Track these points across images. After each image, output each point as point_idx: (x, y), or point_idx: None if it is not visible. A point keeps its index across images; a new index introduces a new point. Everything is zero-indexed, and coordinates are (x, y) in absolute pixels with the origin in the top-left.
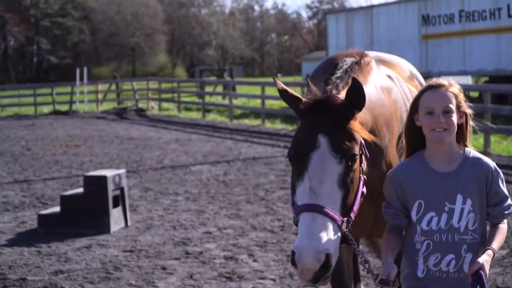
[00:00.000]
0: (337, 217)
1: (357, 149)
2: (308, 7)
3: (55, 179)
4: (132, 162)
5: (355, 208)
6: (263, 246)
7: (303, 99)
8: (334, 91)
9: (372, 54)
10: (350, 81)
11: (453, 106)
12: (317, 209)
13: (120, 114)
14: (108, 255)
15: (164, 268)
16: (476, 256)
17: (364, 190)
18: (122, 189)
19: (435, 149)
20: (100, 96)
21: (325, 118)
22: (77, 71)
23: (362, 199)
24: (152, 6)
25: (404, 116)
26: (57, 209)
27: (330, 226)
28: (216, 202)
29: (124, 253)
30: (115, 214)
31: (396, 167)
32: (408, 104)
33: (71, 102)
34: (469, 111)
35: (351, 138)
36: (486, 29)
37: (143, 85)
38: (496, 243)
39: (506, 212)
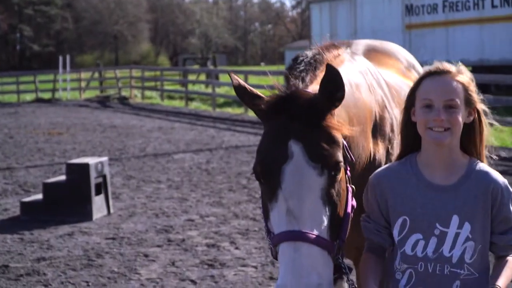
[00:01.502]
0: (327, 242)
1: (340, 154)
2: None
3: (38, 166)
4: (115, 150)
5: (347, 226)
6: (245, 234)
7: (264, 97)
8: (300, 85)
9: (363, 42)
10: (318, 73)
11: (459, 100)
12: (300, 236)
13: (103, 102)
14: (90, 243)
15: (146, 256)
16: None
17: (354, 203)
18: (104, 177)
19: (432, 154)
20: (83, 84)
21: (294, 119)
22: (60, 59)
23: (352, 214)
24: None
25: (384, 117)
26: (39, 196)
27: (319, 254)
28: (199, 190)
29: (107, 241)
30: (98, 202)
31: (380, 170)
32: (390, 103)
33: (54, 90)
34: (482, 107)
35: (331, 140)
36: (470, 19)
37: (126, 73)
38: (503, 280)
39: None
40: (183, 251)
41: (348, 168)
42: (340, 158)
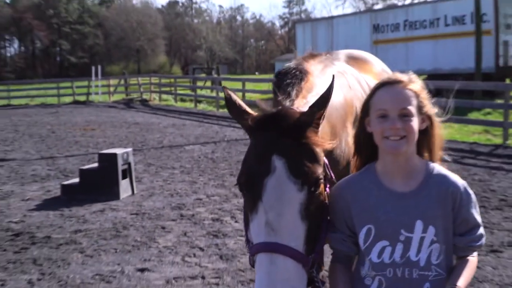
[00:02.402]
0: (302, 256)
1: (320, 171)
2: (281, 17)
3: (75, 156)
4: (138, 142)
5: (322, 241)
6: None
7: (252, 113)
8: (287, 102)
9: (343, 51)
10: (303, 84)
11: (413, 108)
12: (277, 248)
13: (128, 103)
14: (118, 217)
15: (163, 228)
16: None
17: None
18: (129, 164)
19: (389, 162)
20: (111, 89)
21: (279, 135)
22: (93, 68)
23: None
24: (153, 16)
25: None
26: (76, 180)
27: (294, 268)
28: (206, 175)
29: (131, 216)
30: (124, 184)
31: (342, 181)
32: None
33: (87, 94)
34: (434, 112)
35: (313, 158)
36: (426, 36)
37: (146, 80)
38: (463, 280)
39: (476, 244)
40: (193, 224)
41: (328, 185)
42: (320, 175)
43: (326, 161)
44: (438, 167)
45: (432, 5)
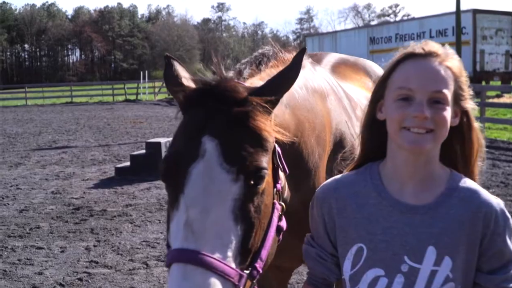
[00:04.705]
0: (230, 270)
1: (265, 159)
2: (294, 32)
3: (126, 144)
4: None
5: (265, 253)
6: None
7: (187, 87)
8: (231, 75)
9: (337, 55)
10: (263, 67)
11: (448, 94)
12: (194, 258)
13: (169, 102)
14: (161, 194)
15: None
16: None
17: (283, 224)
18: None
19: (403, 163)
20: (156, 90)
21: (215, 113)
22: (141, 73)
23: (280, 237)
24: (190, 31)
25: (344, 132)
26: (128, 163)
27: (219, 286)
28: None
29: None
30: None
31: (329, 182)
32: (351, 118)
33: (137, 94)
34: (471, 106)
35: (256, 141)
36: None
37: None
38: None
39: (510, 284)
40: None
41: (280, 182)
42: (263, 164)
43: (279, 149)
44: (465, 179)
45: (419, 21)
